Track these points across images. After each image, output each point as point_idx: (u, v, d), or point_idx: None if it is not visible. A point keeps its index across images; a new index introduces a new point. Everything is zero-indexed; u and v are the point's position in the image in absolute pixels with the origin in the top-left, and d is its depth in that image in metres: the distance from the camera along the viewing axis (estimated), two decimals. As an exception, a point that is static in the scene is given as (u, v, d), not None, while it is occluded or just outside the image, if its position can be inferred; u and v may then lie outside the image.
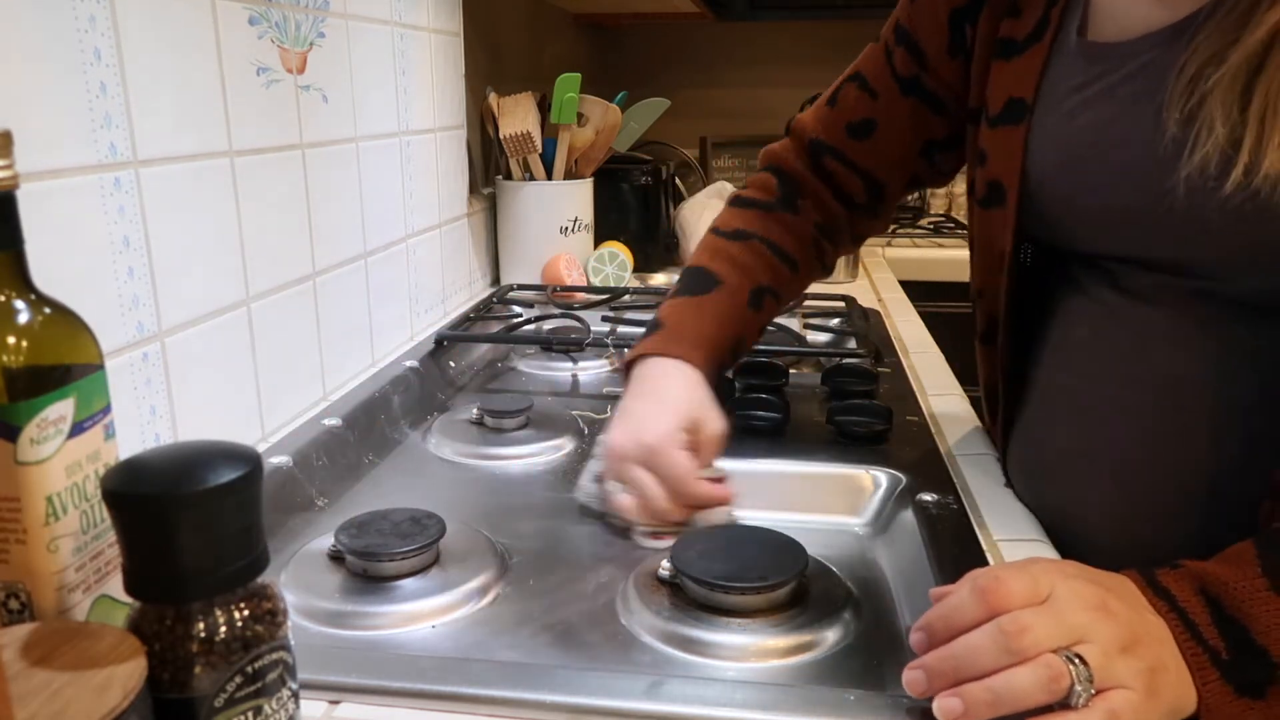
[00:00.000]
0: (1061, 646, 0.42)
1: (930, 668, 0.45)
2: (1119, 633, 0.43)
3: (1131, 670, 0.42)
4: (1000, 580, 0.45)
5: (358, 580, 0.61)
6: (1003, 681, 0.42)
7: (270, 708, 0.39)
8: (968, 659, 0.43)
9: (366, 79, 0.93)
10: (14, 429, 0.37)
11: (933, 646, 0.45)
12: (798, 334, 1.11)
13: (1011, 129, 0.65)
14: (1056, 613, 0.44)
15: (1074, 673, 0.42)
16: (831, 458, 0.78)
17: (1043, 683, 0.42)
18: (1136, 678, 0.42)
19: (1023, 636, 0.42)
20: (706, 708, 0.47)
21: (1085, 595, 0.45)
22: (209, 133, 0.69)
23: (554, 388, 1.06)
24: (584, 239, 1.40)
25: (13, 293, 0.39)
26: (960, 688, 0.43)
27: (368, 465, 0.83)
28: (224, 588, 0.38)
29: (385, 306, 1.00)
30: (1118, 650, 0.43)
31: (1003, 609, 0.44)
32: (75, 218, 0.57)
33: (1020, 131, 0.64)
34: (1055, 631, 0.43)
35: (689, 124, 2.15)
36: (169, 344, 0.66)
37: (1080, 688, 0.42)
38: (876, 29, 0.83)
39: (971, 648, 0.44)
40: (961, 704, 0.43)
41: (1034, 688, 0.42)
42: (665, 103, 1.51)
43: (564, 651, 0.56)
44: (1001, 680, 0.42)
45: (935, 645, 0.45)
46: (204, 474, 0.36)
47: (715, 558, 0.60)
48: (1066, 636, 0.43)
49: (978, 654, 0.43)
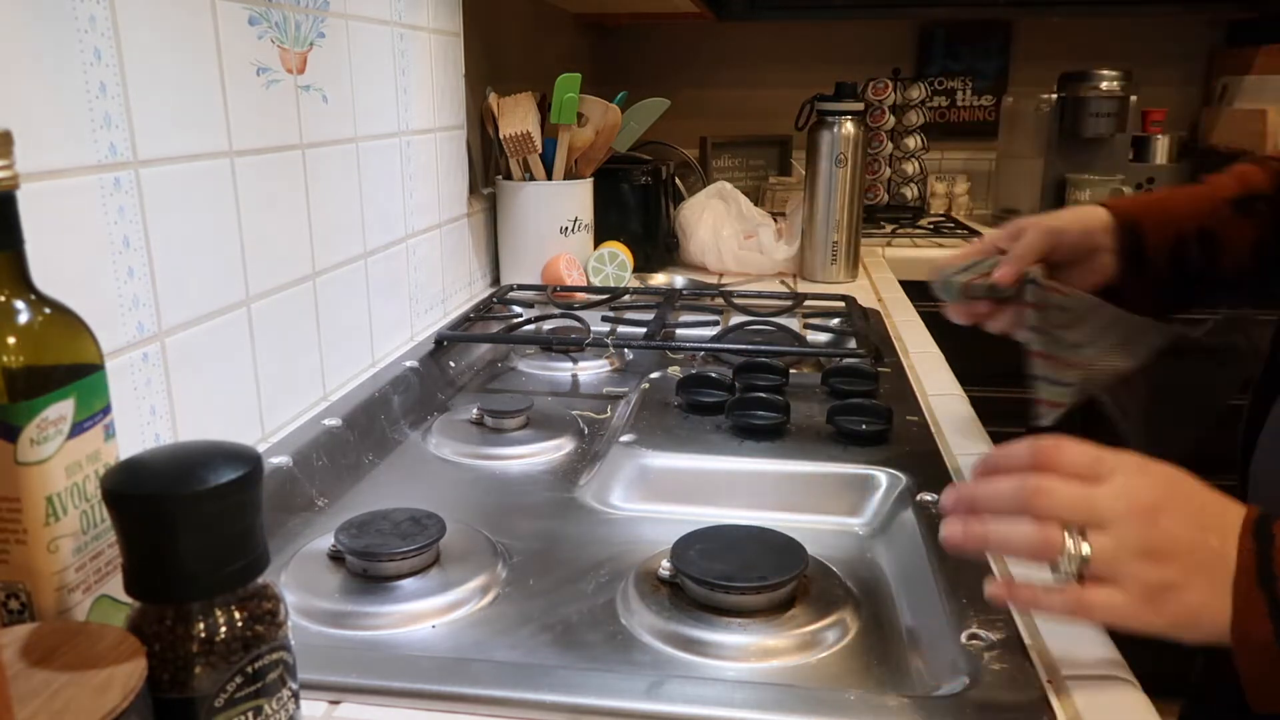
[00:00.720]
0: (1077, 522, 0.43)
1: (958, 493, 0.47)
2: (1149, 539, 0.43)
3: (1138, 574, 0.42)
4: (1058, 445, 0.46)
5: (358, 580, 0.61)
6: (999, 527, 0.44)
7: (270, 708, 0.39)
8: (986, 498, 0.46)
9: (366, 79, 0.93)
10: (14, 429, 0.37)
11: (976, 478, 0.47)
12: (798, 334, 1.12)
13: None
14: (1090, 494, 0.44)
15: (1069, 546, 0.42)
16: (831, 458, 0.78)
17: (1033, 542, 0.43)
18: (1139, 584, 0.42)
19: (1038, 497, 0.44)
20: (706, 708, 0.47)
21: (1138, 495, 0.44)
22: (209, 133, 0.69)
23: (554, 388, 1.06)
24: (584, 239, 1.40)
25: (13, 293, 0.39)
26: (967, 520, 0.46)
27: (368, 465, 0.83)
28: (224, 588, 0.38)
29: (385, 306, 1.00)
30: (1135, 551, 0.43)
31: (1045, 469, 0.45)
32: (75, 218, 0.57)
33: None
34: (1076, 506, 0.43)
35: (689, 124, 2.15)
36: (169, 344, 0.66)
37: (1065, 562, 0.42)
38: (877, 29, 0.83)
39: (994, 491, 0.46)
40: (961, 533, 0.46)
41: (1023, 542, 0.43)
42: (665, 103, 1.51)
43: (564, 651, 0.56)
44: (999, 526, 0.44)
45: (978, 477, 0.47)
46: (204, 474, 0.36)
47: (715, 558, 0.60)
48: (1085, 516, 0.43)
49: (995, 498, 0.45)
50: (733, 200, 1.62)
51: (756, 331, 1.12)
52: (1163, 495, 0.45)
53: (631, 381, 1.04)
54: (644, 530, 0.72)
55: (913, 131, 2.15)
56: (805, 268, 1.52)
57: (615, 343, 1.06)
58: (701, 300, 1.27)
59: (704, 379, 0.91)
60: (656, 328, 1.07)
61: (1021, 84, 2.22)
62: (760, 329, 1.13)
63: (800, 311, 1.21)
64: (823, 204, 1.47)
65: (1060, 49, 2.20)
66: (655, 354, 1.10)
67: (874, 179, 2.16)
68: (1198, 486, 0.47)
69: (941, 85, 2.26)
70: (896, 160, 2.18)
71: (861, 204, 1.51)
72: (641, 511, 0.75)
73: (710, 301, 1.25)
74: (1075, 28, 2.20)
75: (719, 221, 1.57)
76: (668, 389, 0.94)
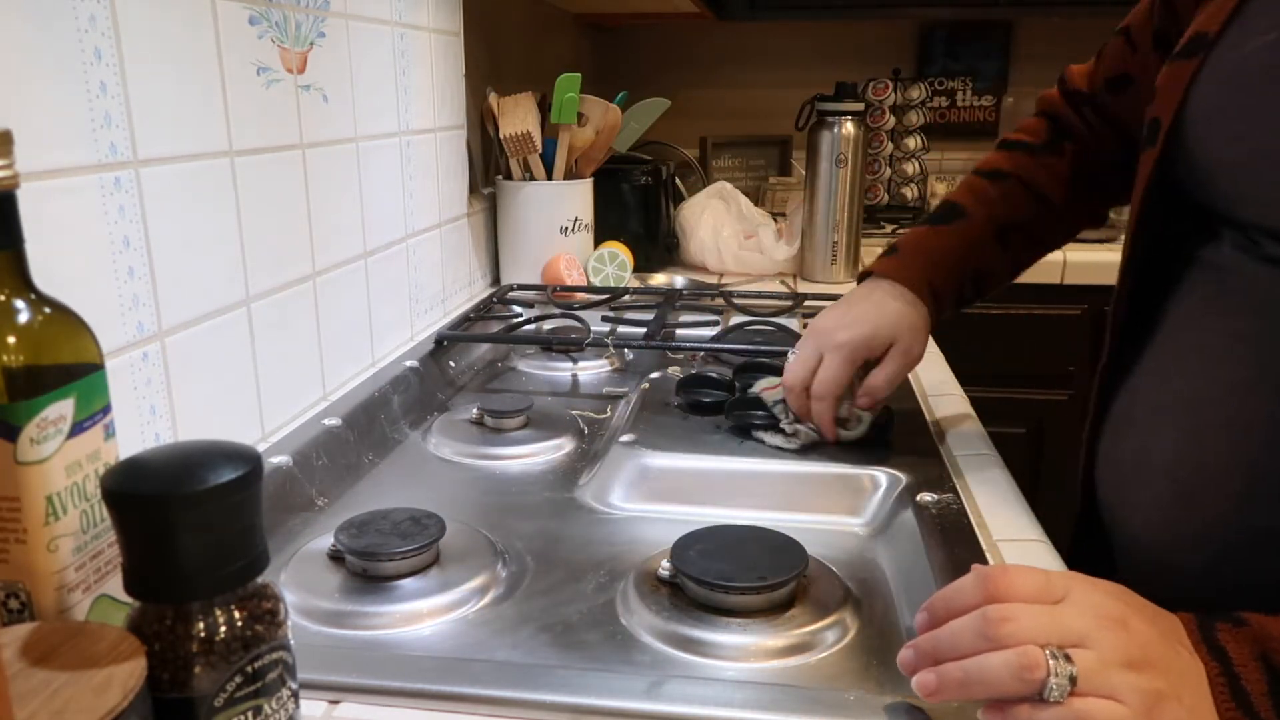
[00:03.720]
0: (1052, 645, 0.41)
1: (918, 646, 0.45)
2: (1127, 648, 0.42)
3: (1130, 685, 0.41)
4: (1006, 573, 0.44)
5: (358, 580, 0.61)
6: (975, 663, 0.42)
7: (270, 708, 0.39)
8: (948, 641, 0.44)
9: (366, 79, 0.93)
10: (14, 429, 0.37)
11: (931, 626, 0.45)
12: (798, 334, 1.11)
13: (1185, 63, 0.61)
14: (1055, 614, 0.43)
15: (1053, 667, 0.40)
16: (831, 458, 0.78)
17: (1014, 669, 0.41)
18: (1135, 694, 0.41)
19: (1003, 625, 0.42)
20: (706, 708, 0.47)
21: (1102, 607, 0.43)
22: (209, 133, 0.69)
23: (554, 388, 1.06)
24: (584, 239, 1.40)
25: (13, 293, 0.39)
26: (939, 666, 0.43)
27: (368, 465, 0.83)
28: (224, 588, 0.38)
29: (385, 306, 1.00)
30: (1120, 662, 0.41)
31: (1000, 599, 0.43)
32: (75, 218, 0.57)
33: (1191, 65, 0.60)
34: (1045, 629, 0.42)
35: (689, 124, 2.15)
36: (169, 344, 0.66)
37: (1055, 682, 0.40)
38: (877, 29, 0.83)
39: (954, 631, 0.44)
40: (936, 680, 0.43)
41: (1004, 672, 0.41)
42: (665, 103, 1.51)
43: (564, 651, 0.56)
44: (974, 662, 0.42)
45: (933, 625, 0.45)
46: (204, 474, 0.36)
47: (715, 558, 0.60)
48: (1059, 637, 0.42)
49: (958, 637, 0.43)
50: (733, 200, 1.62)
51: (756, 331, 1.12)
52: (1123, 605, 0.44)
53: (631, 381, 1.04)
54: (644, 530, 0.72)
55: (913, 132, 2.15)
56: (805, 268, 1.52)
57: (615, 343, 1.06)
58: (701, 300, 1.27)
59: (704, 379, 0.91)
60: (656, 328, 1.07)
61: (1021, 84, 2.22)
62: (760, 329, 1.13)
63: (800, 311, 1.21)
64: (823, 204, 1.47)
65: (1060, 49, 2.20)
66: (655, 354, 1.10)
67: (874, 179, 2.16)
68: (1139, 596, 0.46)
69: (942, 85, 2.26)
70: (897, 160, 2.18)
71: (862, 204, 1.51)
72: (641, 511, 0.75)
73: (710, 301, 1.26)
74: (1075, 28, 2.20)
75: (719, 221, 1.57)
76: (667, 389, 0.94)
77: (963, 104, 2.28)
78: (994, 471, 0.76)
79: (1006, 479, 0.74)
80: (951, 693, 0.43)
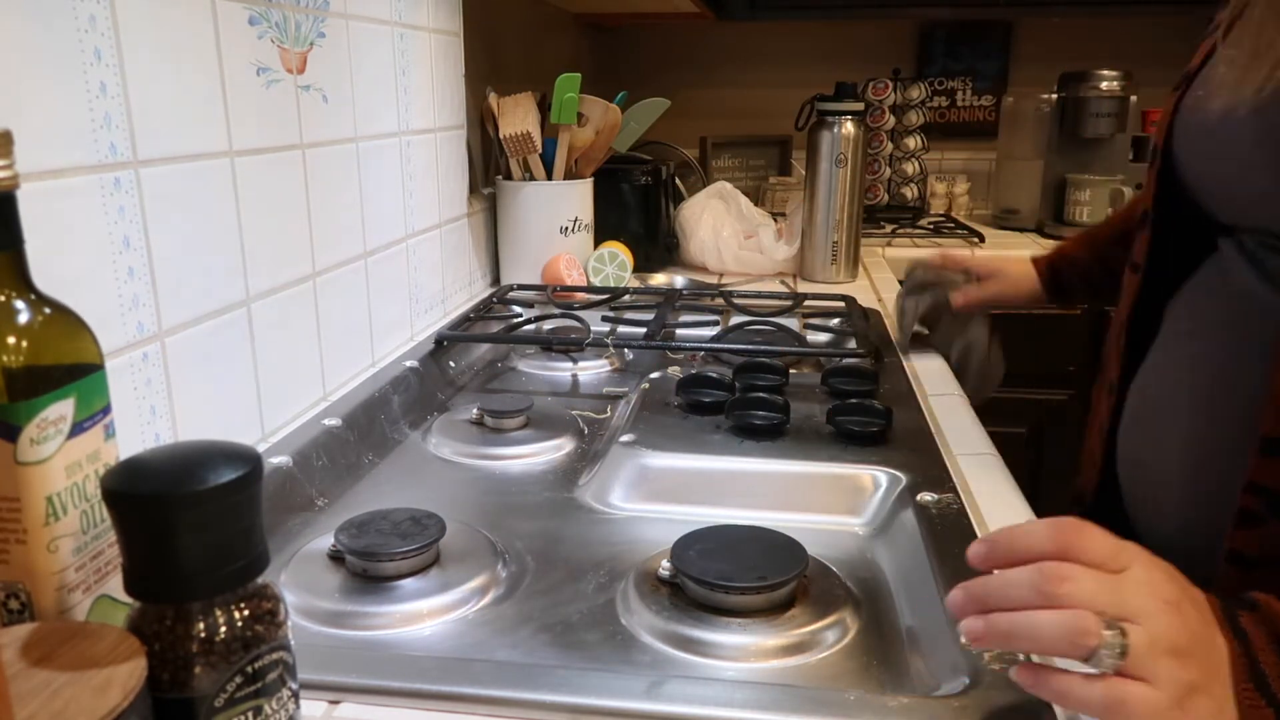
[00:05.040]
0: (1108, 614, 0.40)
1: (969, 590, 0.43)
2: (1179, 635, 0.41)
3: (1171, 674, 0.40)
4: (1081, 531, 0.43)
5: (358, 580, 0.61)
6: (1026, 618, 0.41)
7: (270, 708, 0.39)
8: (1000, 590, 0.42)
9: (366, 79, 0.93)
10: (14, 429, 0.37)
11: (990, 559, 0.44)
12: (798, 334, 1.12)
13: (1173, 94, 0.70)
14: (1116, 584, 0.41)
15: (1106, 637, 0.39)
16: (831, 458, 0.78)
17: (1066, 632, 0.39)
18: (1172, 684, 0.40)
19: (1061, 584, 0.40)
20: (706, 708, 0.47)
21: (1161, 586, 0.42)
22: (209, 133, 0.69)
23: (554, 388, 1.06)
24: (584, 239, 1.40)
25: (13, 293, 0.39)
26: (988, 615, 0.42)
27: (368, 465, 0.83)
28: (224, 588, 0.38)
29: (385, 306, 1.00)
30: (1168, 649, 0.41)
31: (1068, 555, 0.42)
32: (75, 218, 0.57)
33: (1175, 97, 0.69)
34: (1103, 597, 0.41)
35: (689, 124, 2.15)
36: (169, 344, 0.66)
37: (1107, 652, 0.39)
38: (877, 29, 0.84)
39: (1008, 581, 0.42)
40: (984, 628, 0.42)
41: (1055, 630, 0.40)
42: (665, 103, 1.51)
43: (564, 651, 0.56)
44: (1025, 616, 0.41)
45: (992, 559, 0.44)
46: (204, 474, 0.36)
47: (715, 558, 0.60)
48: (1115, 608, 0.40)
49: (1012, 588, 0.42)
50: (733, 200, 1.62)
51: (756, 331, 1.12)
52: (1179, 589, 0.43)
53: (631, 381, 1.04)
54: (644, 530, 0.72)
55: (913, 131, 2.15)
56: (805, 268, 1.52)
57: (615, 343, 1.06)
58: (701, 300, 1.26)
59: (704, 379, 0.91)
60: (656, 328, 1.07)
61: (1021, 84, 2.22)
62: (760, 329, 1.13)
63: (800, 311, 1.21)
64: (823, 204, 1.47)
65: (1060, 49, 2.20)
66: (655, 354, 1.10)
67: (874, 179, 2.16)
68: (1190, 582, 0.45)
69: (942, 85, 2.26)
70: (896, 160, 2.18)
71: (861, 204, 1.51)
72: (641, 511, 0.75)
73: (710, 301, 1.25)
74: (1075, 28, 2.20)
75: (719, 221, 1.57)
76: (668, 389, 0.94)
77: (963, 104, 2.28)
78: (994, 471, 0.76)
79: (1006, 479, 0.74)
80: (995, 642, 0.42)
